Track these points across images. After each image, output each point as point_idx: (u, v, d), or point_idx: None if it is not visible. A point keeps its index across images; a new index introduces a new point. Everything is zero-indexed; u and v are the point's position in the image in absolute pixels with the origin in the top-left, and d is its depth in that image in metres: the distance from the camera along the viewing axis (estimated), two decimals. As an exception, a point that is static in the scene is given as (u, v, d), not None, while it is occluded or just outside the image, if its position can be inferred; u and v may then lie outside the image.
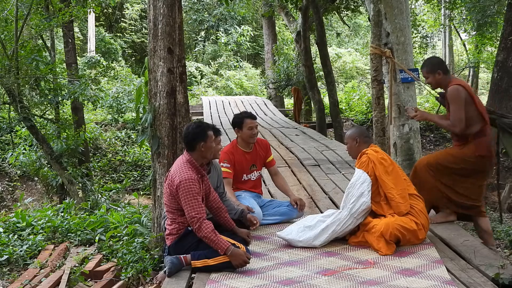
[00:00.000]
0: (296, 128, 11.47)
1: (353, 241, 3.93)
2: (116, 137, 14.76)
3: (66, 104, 11.89)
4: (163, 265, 3.90)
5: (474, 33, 17.40)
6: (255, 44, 28.60)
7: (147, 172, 12.70)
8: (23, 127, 10.80)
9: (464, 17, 17.44)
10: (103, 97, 13.93)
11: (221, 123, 12.25)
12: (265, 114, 14.53)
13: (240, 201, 4.47)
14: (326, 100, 15.46)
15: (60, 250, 5.37)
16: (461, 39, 21.87)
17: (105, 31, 24.27)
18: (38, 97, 9.74)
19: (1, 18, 9.39)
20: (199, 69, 25.06)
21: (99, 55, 21.25)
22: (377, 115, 6.93)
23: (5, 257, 5.18)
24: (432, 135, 15.72)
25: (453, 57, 22.36)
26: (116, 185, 10.02)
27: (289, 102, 20.74)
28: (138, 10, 25.94)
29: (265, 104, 16.92)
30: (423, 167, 4.35)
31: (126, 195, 10.74)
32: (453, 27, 20.34)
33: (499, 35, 12.40)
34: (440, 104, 4.76)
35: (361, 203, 3.82)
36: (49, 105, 9.97)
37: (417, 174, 4.38)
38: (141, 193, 10.61)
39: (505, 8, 10.22)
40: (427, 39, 21.56)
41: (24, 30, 9.71)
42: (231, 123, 4.71)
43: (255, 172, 4.72)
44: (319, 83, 16.27)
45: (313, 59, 14.52)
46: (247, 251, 3.57)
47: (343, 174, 6.50)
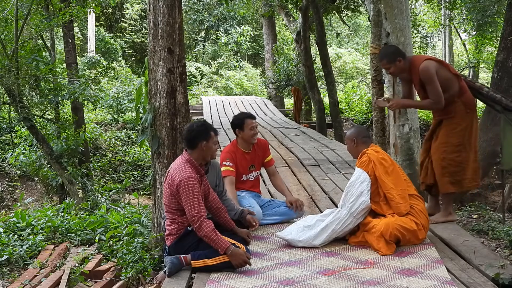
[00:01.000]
0: (296, 128, 11.47)
1: (353, 241, 3.93)
2: (116, 137, 14.76)
3: (66, 104, 11.88)
4: (163, 265, 3.91)
5: (474, 33, 17.41)
6: (255, 44, 28.60)
7: (147, 172, 12.70)
8: (23, 127, 10.79)
9: (464, 17, 17.44)
10: (103, 97, 13.93)
11: (221, 123, 12.25)
12: (265, 114, 14.53)
13: (240, 200, 4.47)
14: (326, 100, 15.46)
15: (60, 250, 5.37)
16: (461, 39, 21.88)
17: (105, 31, 24.27)
18: (38, 97, 9.74)
19: (1, 18, 9.39)
20: (199, 69, 25.06)
21: (99, 55, 21.25)
22: (377, 115, 6.93)
23: (5, 257, 5.18)
24: (432, 135, 15.71)
25: (453, 57, 22.35)
26: (116, 185, 10.01)
27: (289, 102, 20.74)
28: (138, 10, 25.94)
29: (265, 104, 16.92)
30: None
31: (126, 195, 10.74)
32: (453, 27, 20.34)
33: (499, 35, 12.40)
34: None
35: (361, 202, 3.82)
36: (49, 105, 9.97)
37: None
38: (141, 193, 10.60)
39: (505, 8, 10.22)
40: (427, 39, 21.56)
41: (24, 30, 9.70)
42: (231, 124, 4.70)
43: (253, 172, 4.72)
44: (319, 83, 16.27)
45: (313, 59, 14.52)
46: (247, 251, 3.57)
47: (343, 174, 6.50)
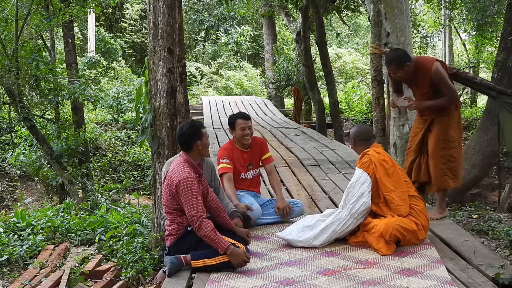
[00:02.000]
0: (296, 128, 11.47)
1: (353, 241, 3.93)
2: (116, 137, 14.76)
3: (66, 104, 11.89)
4: (163, 265, 3.91)
5: (474, 33, 17.40)
6: (255, 44, 28.60)
7: (147, 172, 12.70)
8: (23, 127, 10.79)
9: (464, 17, 17.43)
10: (103, 97, 13.93)
11: (221, 123, 12.25)
12: (265, 114, 14.53)
13: (240, 199, 4.48)
14: (326, 100, 15.47)
15: (60, 250, 5.37)
16: (461, 39, 21.87)
17: (105, 31, 24.26)
18: (38, 97, 9.74)
19: (1, 18, 9.39)
20: (199, 69, 25.06)
21: (99, 55, 21.25)
22: (377, 115, 6.93)
23: (5, 257, 5.18)
24: (432, 135, 15.70)
25: (453, 57, 22.34)
26: (116, 185, 10.01)
27: (289, 102, 20.74)
28: (138, 10, 25.94)
29: (265, 104, 16.92)
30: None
31: (126, 195, 10.74)
32: (453, 27, 20.32)
33: (499, 35, 12.40)
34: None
35: (362, 203, 3.82)
36: (49, 105, 9.97)
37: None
38: (141, 193, 10.62)
39: (505, 8, 10.22)
40: (427, 39, 21.54)
41: (24, 30, 9.71)
42: (228, 123, 4.76)
43: (251, 170, 4.73)
44: (319, 83, 16.27)
45: (313, 59, 14.52)
46: (247, 251, 3.57)
47: (343, 174, 6.50)
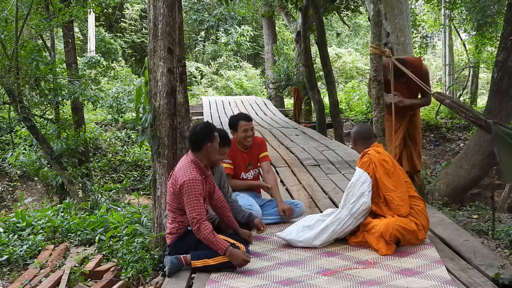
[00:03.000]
0: (296, 128, 11.47)
1: (353, 241, 3.93)
2: (116, 137, 14.76)
3: (66, 104, 11.88)
4: (163, 265, 3.90)
5: (474, 33, 17.39)
6: (255, 44, 28.59)
7: (147, 172, 12.70)
8: (23, 127, 10.79)
9: (464, 17, 17.43)
10: (103, 97, 13.91)
11: (221, 123, 12.24)
12: (265, 114, 14.52)
13: (239, 199, 4.48)
14: (326, 100, 15.46)
15: (60, 250, 5.36)
16: (461, 39, 21.84)
17: (105, 31, 24.26)
18: (38, 97, 9.73)
19: (1, 18, 9.39)
20: (199, 69, 25.05)
21: (99, 55, 21.24)
22: (377, 115, 6.92)
23: (5, 257, 5.17)
24: (432, 135, 15.72)
25: (453, 57, 22.33)
26: (116, 185, 10.00)
27: (289, 102, 20.73)
28: (138, 10, 25.93)
29: (265, 104, 16.91)
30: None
31: (126, 195, 10.73)
32: (453, 27, 20.31)
33: (499, 35, 12.39)
34: (440, 103, 4.98)
35: (362, 203, 3.82)
36: (49, 105, 9.97)
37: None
38: (141, 193, 10.60)
39: (505, 8, 10.21)
40: (427, 39, 21.53)
41: (24, 30, 9.70)
42: (228, 123, 4.74)
43: (251, 170, 4.73)
44: (319, 83, 16.26)
45: (313, 59, 14.51)
46: (247, 251, 3.57)
47: (343, 174, 6.50)
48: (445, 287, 3.11)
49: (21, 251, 5.30)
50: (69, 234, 5.86)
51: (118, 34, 25.64)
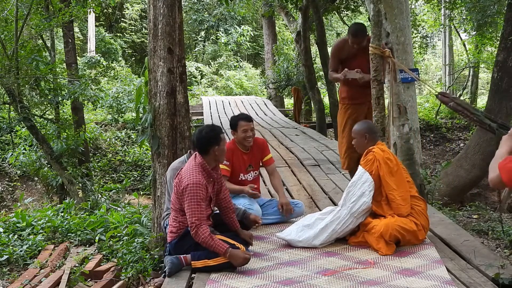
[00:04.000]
0: (296, 128, 11.47)
1: (353, 241, 3.92)
2: (116, 137, 14.75)
3: (66, 104, 11.88)
4: (163, 265, 3.91)
5: (474, 33, 17.38)
6: (255, 44, 28.58)
7: (147, 172, 12.69)
8: (23, 127, 10.79)
9: (464, 17, 17.41)
10: (103, 97, 13.91)
11: (221, 123, 12.25)
12: (265, 114, 14.52)
13: (238, 199, 4.48)
14: (326, 100, 15.46)
15: (60, 250, 5.36)
16: (461, 39, 21.84)
17: (105, 31, 24.25)
18: (38, 97, 9.73)
19: (1, 18, 9.39)
20: (199, 69, 25.04)
21: (99, 55, 21.24)
22: (377, 115, 6.91)
23: (5, 257, 5.18)
24: (432, 135, 15.72)
25: (453, 57, 22.32)
26: (116, 185, 10.00)
27: (289, 102, 20.73)
28: (138, 10, 25.93)
29: (265, 104, 16.92)
30: None
31: (126, 195, 10.73)
32: (453, 27, 20.30)
33: (499, 35, 12.39)
34: (441, 102, 5.00)
35: (362, 202, 3.81)
36: (49, 105, 9.97)
37: None
38: (141, 193, 10.60)
39: (505, 8, 10.21)
40: (427, 39, 21.52)
41: (24, 30, 9.70)
42: (229, 124, 4.71)
43: (251, 172, 4.71)
44: (319, 83, 16.26)
45: (313, 59, 14.51)
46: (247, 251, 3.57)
47: (343, 174, 6.49)
48: (445, 287, 3.11)
49: (21, 251, 5.30)
50: (69, 234, 5.87)
51: (118, 34, 25.63)
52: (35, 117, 9.75)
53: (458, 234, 4.06)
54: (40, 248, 5.49)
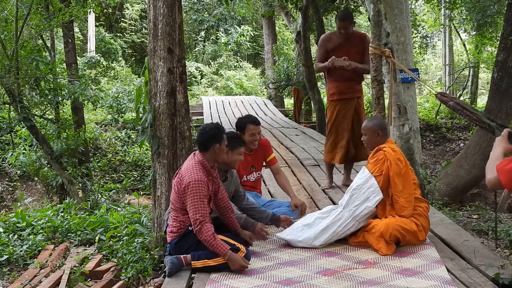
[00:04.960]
0: (296, 128, 11.47)
1: (353, 241, 3.92)
2: (116, 137, 14.75)
3: (66, 104, 11.88)
4: (163, 265, 3.91)
5: (474, 33, 17.38)
6: (255, 44, 28.58)
7: (147, 172, 12.69)
8: (23, 127, 10.79)
9: (464, 17, 17.42)
10: (103, 97, 13.92)
11: (221, 123, 12.21)
12: (265, 114, 14.52)
13: None
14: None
15: (60, 250, 5.36)
16: (461, 39, 21.84)
17: (105, 31, 24.25)
18: (38, 97, 9.73)
19: (1, 18, 9.39)
20: (199, 69, 25.04)
21: (99, 55, 21.23)
22: (377, 115, 6.91)
23: (5, 257, 5.17)
24: (432, 135, 15.70)
25: (453, 57, 22.31)
26: (116, 185, 10.00)
27: (289, 102, 20.72)
28: (138, 10, 25.93)
29: (265, 104, 16.91)
30: None
31: (126, 195, 10.73)
32: (453, 27, 20.31)
33: (499, 35, 12.39)
34: (440, 102, 4.99)
35: (365, 207, 3.78)
36: (49, 105, 9.96)
37: None
38: (141, 193, 10.60)
39: (505, 8, 10.21)
40: (427, 39, 21.53)
41: (24, 30, 9.69)
42: (235, 125, 4.69)
43: (254, 173, 4.71)
44: (319, 83, 16.25)
45: (313, 59, 14.50)
46: (247, 252, 3.57)
47: (343, 174, 6.48)
48: (445, 287, 3.11)
49: (21, 251, 5.30)
50: (69, 234, 5.86)
51: (118, 34, 25.63)
52: (35, 117, 9.75)
53: (458, 234, 4.06)
54: (40, 248, 5.48)
